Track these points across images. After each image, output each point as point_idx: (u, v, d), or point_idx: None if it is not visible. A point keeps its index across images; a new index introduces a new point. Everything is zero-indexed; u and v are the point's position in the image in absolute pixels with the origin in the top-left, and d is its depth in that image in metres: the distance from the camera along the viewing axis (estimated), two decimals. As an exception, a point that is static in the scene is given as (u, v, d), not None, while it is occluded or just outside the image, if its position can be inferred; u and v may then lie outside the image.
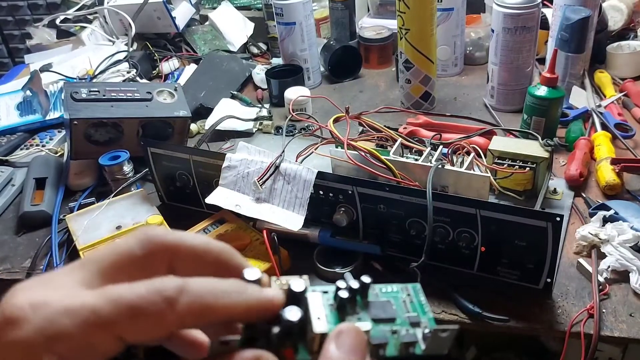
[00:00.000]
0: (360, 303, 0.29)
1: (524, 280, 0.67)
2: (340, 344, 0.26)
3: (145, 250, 0.27)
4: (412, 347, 0.27)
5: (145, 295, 0.25)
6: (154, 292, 0.25)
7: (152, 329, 0.25)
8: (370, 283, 0.29)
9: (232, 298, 0.26)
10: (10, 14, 2.46)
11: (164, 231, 0.28)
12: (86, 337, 0.24)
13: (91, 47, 1.39)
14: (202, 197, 0.82)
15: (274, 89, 1.17)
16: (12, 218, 0.93)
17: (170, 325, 0.25)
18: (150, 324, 0.25)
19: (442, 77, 1.21)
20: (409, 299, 0.30)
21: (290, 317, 0.26)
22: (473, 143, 0.80)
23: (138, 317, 0.25)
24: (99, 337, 0.24)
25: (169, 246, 0.28)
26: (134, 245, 0.27)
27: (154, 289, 0.25)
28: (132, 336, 0.25)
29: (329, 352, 0.25)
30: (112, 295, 0.25)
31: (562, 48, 1.02)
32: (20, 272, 0.81)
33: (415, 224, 0.69)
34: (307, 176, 0.73)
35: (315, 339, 0.26)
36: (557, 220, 0.60)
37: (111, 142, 0.93)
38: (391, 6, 1.36)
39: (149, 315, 0.25)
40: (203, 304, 0.26)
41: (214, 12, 1.47)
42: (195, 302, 0.25)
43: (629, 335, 0.62)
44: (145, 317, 0.25)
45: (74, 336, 0.24)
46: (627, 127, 0.95)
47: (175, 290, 0.25)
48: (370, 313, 0.28)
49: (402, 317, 0.28)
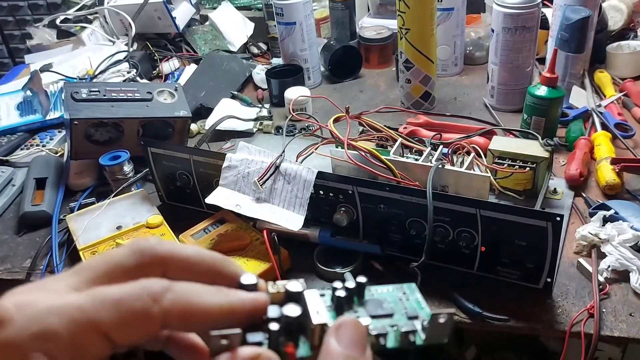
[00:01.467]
0: (357, 302, 0.29)
1: (524, 280, 0.67)
2: (340, 337, 0.26)
3: (137, 262, 0.28)
4: (412, 336, 0.27)
5: (130, 292, 0.25)
6: (139, 289, 0.25)
7: (138, 327, 0.25)
8: (366, 283, 0.29)
9: (216, 297, 0.27)
10: (10, 14, 2.46)
11: (156, 242, 0.28)
12: (73, 335, 0.24)
13: (91, 47, 1.39)
14: (203, 197, 0.83)
15: (274, 89, 1.17)
16: (13, 218, 0.93)
17: (156, 322, 0.25)
18: (135, 320, 0.25)
19: (442, 77, 1.21)
20: (405, 297, 0.30)
21: (289, 313, 0.27)
22: (473, 143, 0.80)
23: (123, 313, 0.25)
24: (86, 336, 0.24)
25: (161, 257, 0.28)
26: (126, 256, 0.28)
27: (140, 286, 0.25)
28: (119, 334, 0.25)
29: (330, 346, 0.26)
30: (97, 293, 0.25)
31: (562, 48, 1.02)
32: (20, 272, 0.81)
33: (416, 223, 0.69)
34: (307, 176, 0.73)
35: (315, 331, 0.26)
36: (557, 220, 0.60)
37: (111, 142, 0.93)
38: (391, 6, 1.36)
39: (134, 311, 0.25)
40: (188, 303, 0.26)
41: (214, 12, 1.47)
42: (180, 299, 0.26)
43: (629, 335, 0.62)
44: (130, 313, 0.25)
45: (60, 334, 0.24)
46: (627, 127, 0.95)
47: (160, 287, 0.26)
48: (368, 310, 0.28)
49: (399, 312, 0.29)
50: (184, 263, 0.29)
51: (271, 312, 0.27)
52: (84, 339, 0.24)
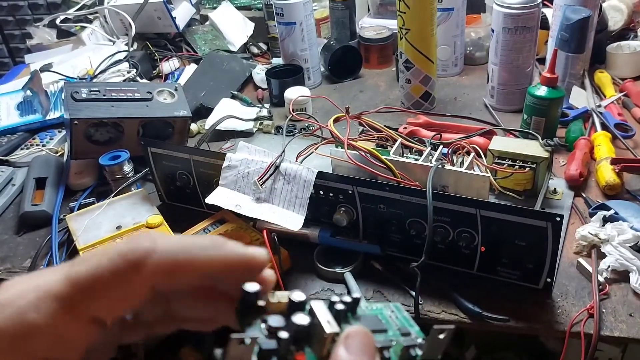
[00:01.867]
0: (351, 317, 0.29)
1: (524, 280, 0.67)
2: (349, 346, 0.25)
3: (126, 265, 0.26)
4: (412, 350, 0.27)
5: (107, 265, 0.24)
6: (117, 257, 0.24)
7: (123, 298, 0.24)
8: (360, 298, 0.30)
9: (208, 252, 0.26)
10: (10, 13, 2.46)
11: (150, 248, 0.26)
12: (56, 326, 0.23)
13: (91, 47, 1.39)
14: (202, 197, 0.83)
15: (274, 89, 1.17)
16: (13, 218, 0.93)
17: (141, 289, 0.25)
18: (118, 292, 0.24)
19: (442, 77, 1.21)
20: (394, 315, 0.30)
21: (299, 321, 0.26)
22: (473, 143, 0.80)
23: (102, 290, 0.24)
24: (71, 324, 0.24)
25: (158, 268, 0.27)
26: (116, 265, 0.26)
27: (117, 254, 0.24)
28: (106, 311, 0.24)
29: (339, 355, 0.25)
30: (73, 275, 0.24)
31: (562, 48, 1.02)
32: (20, 272, 0.81)
33: (415, 223, 0.69)
34: (307, 176, 0.73)
35: (327, 341, 0.26)
36: (557, 220, 0.60)
37: (111, 142, 0.93)
38: (391, 6, 1.36)
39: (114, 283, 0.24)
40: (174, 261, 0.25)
41: (214, 12, 1.47)
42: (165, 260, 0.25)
43: (629, 335, 0.62)
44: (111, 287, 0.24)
45: (42, 329, 0.23)
46: (627, 127, 0.95)
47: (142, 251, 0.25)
48: (364, 325, 0.28)
49: (392, 328, 0.29)
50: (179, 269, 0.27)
51: (276, 321, 0.27)
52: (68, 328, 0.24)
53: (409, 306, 0.68)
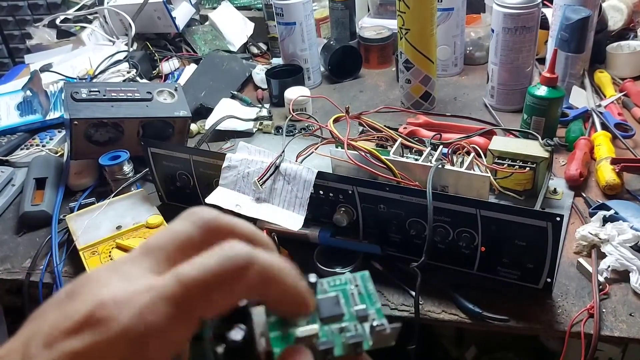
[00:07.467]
0: None
1: (524, 280, 0.67)
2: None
3: (203, 235, 0.27)
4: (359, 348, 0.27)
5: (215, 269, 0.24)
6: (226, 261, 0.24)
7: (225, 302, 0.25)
8: (317, 281, 0.29)
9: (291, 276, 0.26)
10: (10, 14, 2.46)
11: (217, 213, 0.27)
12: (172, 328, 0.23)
13: (91, 47, 1.39)
14: (202, 197, 0.82)
15: (274, 89, 1.17)
16: (12, 218, 0.93)
17: (241, 294, 0.25)
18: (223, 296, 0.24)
19: (442, 77, 1.21)
20: (357, 290, 0.29)
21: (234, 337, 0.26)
22: (473, 143, 0.80)
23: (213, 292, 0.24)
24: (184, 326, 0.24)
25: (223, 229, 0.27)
26: (192, 229, 0.27)
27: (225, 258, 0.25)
28: (209, 313, 0.24)
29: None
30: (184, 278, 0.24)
31: (562, 48, 1.02)
32: (20, 272, 0.81)
33: (415, 223, 0.69)
34: (307, 176, 0.73)
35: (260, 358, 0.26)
36: (557, 220, 0.60)
37: (111, 142, 0.93)
38: (391, 6, 1.36)
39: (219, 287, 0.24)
40: (270, 275, 0.25)
41: (214, 12, 1.47)
42: (264, 272, 0.25)
43: (629, 335, 0.62)
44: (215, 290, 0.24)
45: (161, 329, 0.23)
46: (627, 127, 0.95)
47: (246, 259, 0.25)
48: (319, 313, 0.28)
49: (350, 312, 0.28)
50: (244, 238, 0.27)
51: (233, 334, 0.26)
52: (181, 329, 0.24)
53: (409, 306, 0.68)
